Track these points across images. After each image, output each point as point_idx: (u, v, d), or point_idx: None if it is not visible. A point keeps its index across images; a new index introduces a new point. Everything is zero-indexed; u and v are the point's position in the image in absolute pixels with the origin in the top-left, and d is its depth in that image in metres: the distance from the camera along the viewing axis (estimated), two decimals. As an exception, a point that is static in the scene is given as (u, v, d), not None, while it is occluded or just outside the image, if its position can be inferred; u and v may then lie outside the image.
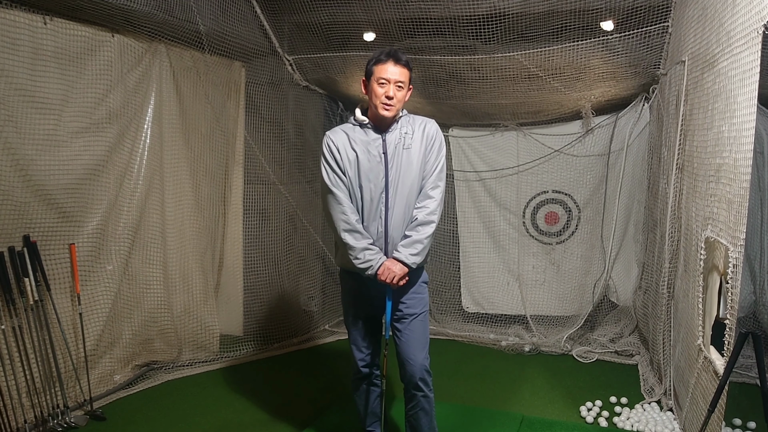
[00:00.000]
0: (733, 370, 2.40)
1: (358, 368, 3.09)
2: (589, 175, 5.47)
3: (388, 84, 2.77)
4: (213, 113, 4.80)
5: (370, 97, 2.84)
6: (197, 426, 3.73)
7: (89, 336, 3.94)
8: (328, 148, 2.84)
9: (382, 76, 2.77)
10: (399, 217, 2.86)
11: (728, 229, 2.57)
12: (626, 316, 5.32)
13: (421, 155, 2.88)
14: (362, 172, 2.82)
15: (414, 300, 2.98)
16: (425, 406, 3.02)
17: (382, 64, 2.78)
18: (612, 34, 4.20)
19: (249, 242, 5.24)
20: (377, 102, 2.79)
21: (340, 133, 2.88)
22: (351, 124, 2.92)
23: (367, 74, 2.85)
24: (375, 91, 2.79)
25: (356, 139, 2.85)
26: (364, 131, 2.87)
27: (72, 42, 3.68)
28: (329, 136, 2.87)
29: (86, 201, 3.90)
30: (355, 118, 2.90)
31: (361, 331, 3.06)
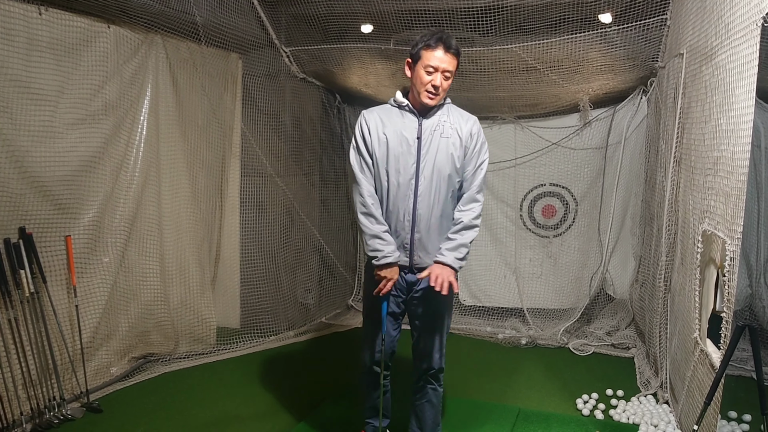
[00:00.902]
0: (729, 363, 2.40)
1: (365, 363, 3.03)
2: (586, 168, 5.47)
3: (435, 72, 2.65)
4: (210, 105, 4.78)
5: (413, 81, 2.72)
6: (194, 418, 3.73)
7: (85, 328, 3.94)
8: (360, 128, 2.77)
9: (431, 63, 2.63)
10: (426, 207, 2.76)
11: (725, 222, 2.57)
12: (623, 309, 5.33)
13: (461, 150, 2.78)
14: (391, 156, 2.72)
15: (447, 297, 2.88)
16: (433, 399, 3.02)
17: (431, 50, 2.63)
18: (610, 26, 4.19)
19: (246, 235, 5.23)
20: (421, 89, 2.68)
21: (374, 114, 2.79)
22: (390, 105, 2.83)
23: (413, 57, 2.70)
24: (421, 77, 2.66)
25: (390, 121, 2.75)
26: (401, 113, 2.78)
27: (67, 33, 3.66)
28: (364, 115, 2.79)
29: (82, 193, 3.88)
30: (394, 99, 2.80)
31: (378, 328, 2.91)
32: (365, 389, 3.13)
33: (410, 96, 2.79)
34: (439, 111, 2.80)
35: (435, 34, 2.65)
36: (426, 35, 2.67)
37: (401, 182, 2.74)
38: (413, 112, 2.77)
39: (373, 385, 3.06)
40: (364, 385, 3.12)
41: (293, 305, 5.53)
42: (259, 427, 3.63)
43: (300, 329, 5.44)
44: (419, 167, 2.73)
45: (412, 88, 2.76)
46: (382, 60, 4.93)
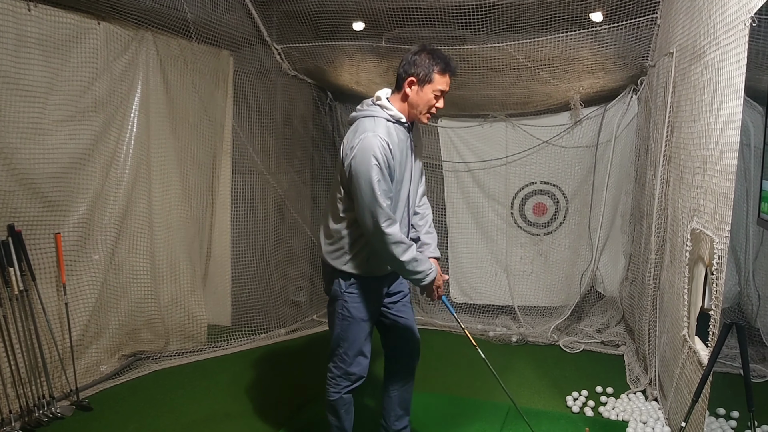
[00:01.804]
0: (717, 360, 2.42)
1: (361, 376, 2.93)
2: (577, 166, 5.48)
3: (441, 97, 2.72)
4: (200, 102, 4.77)
5: (415, 100, 2.69)
6: (184, 416, 3.72)
7: (75, 326, 3.92)
8: (384, 156, 2.57)
9: (442, 88, 2.69)
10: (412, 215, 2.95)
11: (714, 221, 2.59)
12: (613, 307, 5.35)
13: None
14: (400, 174, 2.73)
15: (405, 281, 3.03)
16: (412, 380, 3.17)
17: (443, 76, 2.68)
18: (601, 25, 4.20)
19: (237, 232, 5.22)
20: (424, 110, 2.71)
21: (391, 133, 2.67)
22: (386, 120, 2.69)
23: (422, 78, 2.65)
24: (428, 100, 2.68)
25: (398, 140, 2.69)
26: (399, 129, 2.72)
27: (57, 29, 3.63)
28: (383, 138, 2.59)
29: (72, 190, 3.86)
30: (390, 113, 2.70)
31: (369, 338, 2.94)
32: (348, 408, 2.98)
33: (399, 108, 2.73)
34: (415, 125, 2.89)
35: (443, 58, 2.68)
36: (434, 58, 2.66)
37: (402, 197, 2.79)
38: (408, 127, 2.78)
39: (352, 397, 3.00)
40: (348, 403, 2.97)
41: (284, 303, 5.53)
42: (250, 424, 3.63)
43: (291, 327, 5.44)
44: (411, 185, 2.85)
45: (406, 104, 2.72)
46: (373, 58, 4.93)
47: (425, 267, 2.76)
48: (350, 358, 2.88)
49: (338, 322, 2.88)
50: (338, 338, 2.89)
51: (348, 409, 2.98)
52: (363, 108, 2.76)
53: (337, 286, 2.85)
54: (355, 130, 2.68)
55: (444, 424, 3.62)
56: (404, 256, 2.66)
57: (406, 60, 2.70)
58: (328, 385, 2.94)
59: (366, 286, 2.85)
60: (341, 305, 2.85)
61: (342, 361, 2.89)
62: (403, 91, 2.70)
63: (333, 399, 2.93)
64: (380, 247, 2.66)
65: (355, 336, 2.86)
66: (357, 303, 2.84)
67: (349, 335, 2.86)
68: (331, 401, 2.93)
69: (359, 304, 2.84)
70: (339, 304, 2.86)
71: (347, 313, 2.84)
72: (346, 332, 2.87)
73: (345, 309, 2.84)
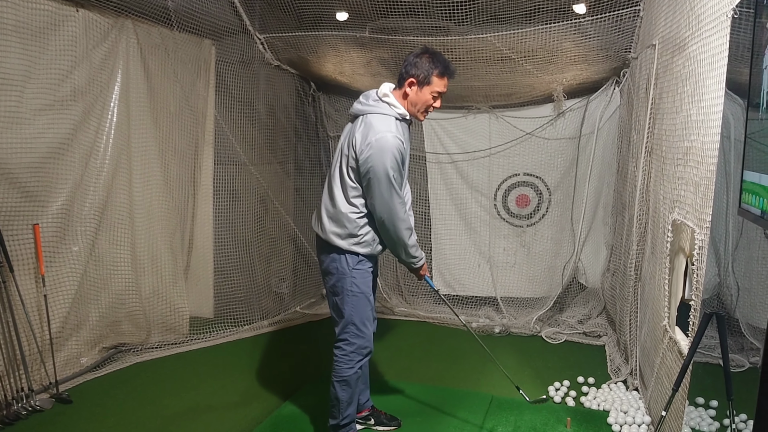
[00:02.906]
0: (697, 350, 2.44)
1: (371, 349, 3.14)
2: (560, 158, 5.50)
3: (439, 98, 2.94)
4: (182, 92, 4.71)
5: (414, 99, 2.91)
6: (166, 408, 3.70)
7: (54, 318, 3.87)
8: (400, 151, 2.82)
9: (440, 90, 2.90)
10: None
11: (695, 212, 2.61)
12: (594, 298, 5.39)
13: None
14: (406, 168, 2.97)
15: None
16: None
17: (442, 79, 2.89)
18: (584, 17, 4.21)
19: (219, 223, 5.18)
20: (422, 109, 2.94)
21: (402, 133, 2.89)
22: (396, 119, 2.90)
23: (421, 79, 2.87)
24: (426, 100, 2.91)
25: (404, 135, 2.92)
26: (404, 126, 2.96)
27: (34, 16, 3.56)
28: (398, 137, 2.81)
29: (50, 180, 3.80)
30: (400, 113, 2.91)
31: (373, 307, 3.15)
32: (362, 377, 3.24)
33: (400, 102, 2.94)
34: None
35: (443, 62, 2.89)
36: (434, 61, 2.87)
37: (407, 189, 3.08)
38: (409, 123, 3.01)
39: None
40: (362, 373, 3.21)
41: (267, 294, 5.51)
42: (233, 416, 3.61)
43: (274, 318, 5.42)
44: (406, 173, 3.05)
45: (407, 102, 2.93)
46: (357, 48, 4.90)
47: (421, 251, 3.11)
48: (362, 332, 3.06)
49: (348, 299, 3.03)
50: (350, 314, 3.04)
51: (359, 381, 3.16)
52: (369, 103, 2.93)
53: (344, 265, 3.01)
54: (369, 126, 2.84)
55: (427, 415, 3.63)
56: (411, 240, 3.00)
57: (408, 61, 2.91)
58: (340, 362, 3.08)
59: (368, 264, 3.06)
60: (350, 282, 3.01)
61: (355, 336, 3.05)
62: (404, 90, 2.92)
63: (347, 375, 3.07)
64: (393, 232, 2.92)
65: (364, 309, 3.06)
66: (364, 279, 3.04)
67: (360, 310, 3.05)
68: (346, 377, 3.07)
69: (365, 279, 3.05)
70: (347, 282, 3.01)
71: (357, 289, 3.02)
72: (357, 307, 3.04)
73: (355, 285, 3.02)
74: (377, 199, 2.82)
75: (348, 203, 2.93)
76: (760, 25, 2.03)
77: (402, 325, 5.44)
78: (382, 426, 3.47)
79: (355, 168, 2.85)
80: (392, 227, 2.89)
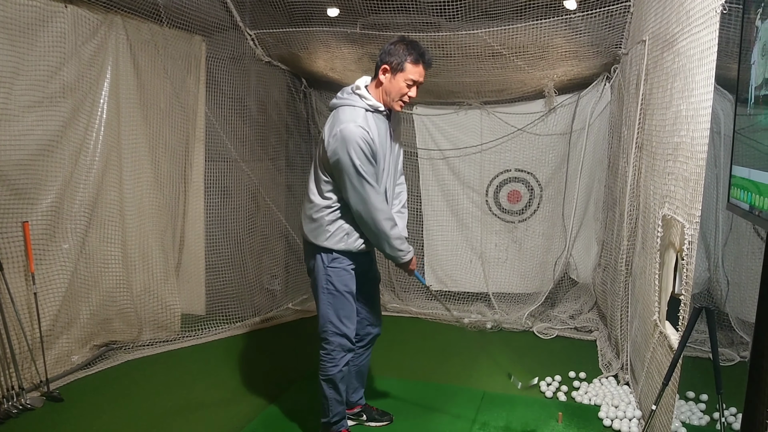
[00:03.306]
0: (687, 344, 2.46)
1: (353, 343, 3.09)
2: (551, 153, 5.51)
3: (414, 86, 2.85)
4: (172, 88, 4.69)
5: (388, 88, 2.85)
6: (158, 406, 3.69)
7: (45, 316, 3.85)
8: (365, 140, 2.74)
9: (414, 78, 2.82)
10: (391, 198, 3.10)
11: (684, 207, 2.62)
12: (586, 293, 5.41)
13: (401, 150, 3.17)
14: (383, 161, 2.89)
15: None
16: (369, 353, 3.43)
17: (416, 66, 2.81)
18: (575, 12, 4.21)
19: (210, 220, 5.16)
20: (397, 98, 2.85)
21: (369, 122, 2.82)
22: (364, 109, 2.84)
23: (394, 66, 2.81)
24: (400, 88, 2.83)
25: (377, 127, 2.85)
26: (378, 117, 2.88)
27: (22, 12, 3.53)
28: (362, 126, 2.75)
29: (40, 177, 3.78)
30: (369, 103, 2.85)
31: (354, 311, 3.08)
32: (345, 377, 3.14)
33: (376, 96, 2.89)
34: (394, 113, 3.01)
35: (418, 50, 2.82)
36: (409, 48, 2.81)
37: (389, 184, 2.99)
38: (386, 115, 2.93)
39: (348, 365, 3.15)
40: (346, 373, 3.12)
41: (259, 291, 5.50)
42: (225, 413, 3.61)
43: (266, 315, 5.41)
44: (390, 166, 2.97)
45: (380, 91, 2.88)
46: (348, 44, 4.89)
47: (407, 245, 3.02)
48: (340, 330, 3.02)
49: (323, 297, 3.01)
50: (325, 312, 3.03)
51: (344, 380, 3.12)
52: (343, 96, 2.91)
53: (320, 262, 2.99)
54: (335, 118, 2.84)
55: (419, 410, 3.64)
56: (393, 231, 2.90)
57: (383, 49, 2.86)
58: (324, 361, 3.06)
59: (346, 261, 3.00)
60: (325, 279, 2.99)
61: (333, 334, 3.02)
62: (378, 78, 2.87)
63: (332, 373, 3.05)
64: (371, 225, 2.86)
65: (342, 307, 3.01)
66: (339, 276, 2.98)
67: (337, 307, 3.01)
68: (330, 376, 3.05)
69: (341, 277, 2.99)
70: (323, 279, 2.99)
71: (331, 287, 2.99)
72: (333, 305, 3.01)
73: (329, 283, 2.98)
74: (350, 191, 2.80)
75: (321, 197, 2.93)
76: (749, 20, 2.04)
77: (394, 321, 5.44)
78: (374, 422, 3.47)
79: (325, 161, 2.83)
80: (370, 219, 2.84)
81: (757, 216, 1.95)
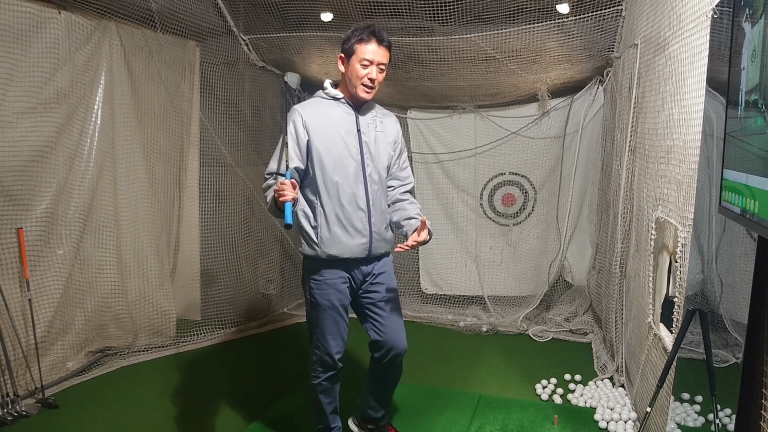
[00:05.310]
0: (681, 346, 2.47)
1: (334, 362, 2.87)
2: (545, 157, 5.54)
3: (371, 65, 2.67)
4: (166, 94, 4.69)
5: (348, 75, 2.72)
6: (154, 411, 3.68)
7: (39, 322, 3.84)
8: (292, 120, 2.71)
9: (366, 57, 2.65)
10: (376, 197, 2.82)
11: (677, 210, 2.63)
12: (580, 296, 5.43)
13: (393, 144, 2.90)
14: (333, 149, 2.71)
15: (392, 279, 2.99)
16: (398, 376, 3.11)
17: (365, 44, 2.65)
18: (567, 17, 4.23)
19: (205, 225, 5.16)
20: (357, 83, 2.69)
21: (309, 108, 2.76)
22: (321, 98, 2.80)
23: (346, 52, 2.70)
24: (356, 71, 2.67)
25: (327, 114, 2.74)
26: (336, 105, 2.78)
27: (16, 18, 3.54)
28: (297, 109, 2.73)
29: (34, 184, 3.78)
30: (326, 92, 2.79)
31: (339, 321, 2.86)
32: (327, 392, 2.96)
33: (343, 90, 2.80)
34: (370, 107, 2.87)
35: (367, 28, 2.68)
36: (358, 30, 2.68)
37: (349, 174, 2.74)
38: (349, 104, 2.79)
39: (333, 382, 2.95)
40: (327, 388, 2.94)
41: (255, 296, 5.49)
42: (221, 419, 3.60)
43: (262, 320, 5.41)
44: (364, 159, 2.77)
45: (345, 83, 2.77)
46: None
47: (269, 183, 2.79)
48: (320, 345, 2.86)
49: (307, 308, 2.91)
50: (309, 324, 2.91)
51: (328, 394, 2.96)
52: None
53: (303, 270, 2.89)
54: None
55: (416, 414, 3.64)
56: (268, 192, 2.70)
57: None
58: (311, 369, 2.94)
59: (328, 270, 2.80)
60: (308, 290, 2.86)
61: (315, 346, 2.88)
62: (341, 72, 2.77)
63: (313, 383, 2.93)
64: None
65: (321, 322, 2.83)
66: (320, 289, 2.81)
67: (318, 321, 2.84)
68: (312, 384, 2.94)
69: (323, 291, 2.81)
70: (306, 289, 2.88)
71: (312, 299, 2.84)
72: (314, 318, 2.86)
73: (311, 295, 2.84)
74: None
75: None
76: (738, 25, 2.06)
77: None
78: None
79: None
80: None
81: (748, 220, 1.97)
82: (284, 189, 2.44)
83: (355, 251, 2.79)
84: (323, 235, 2.75)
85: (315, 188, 2.76)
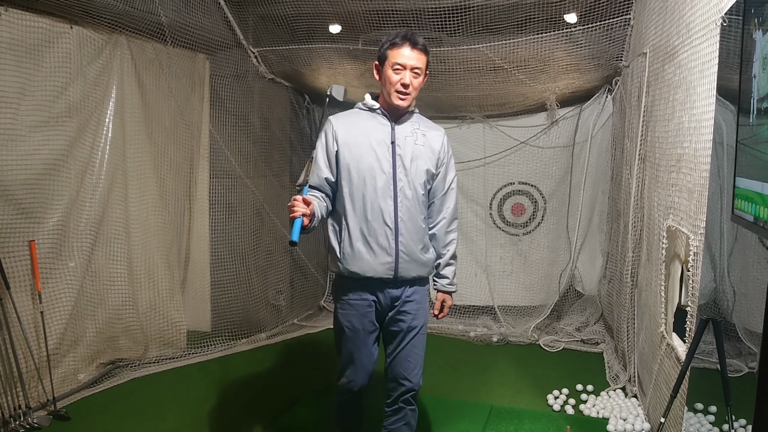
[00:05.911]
0: (695, 356, 2.45)
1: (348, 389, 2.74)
2: (554, 166, 5.53)
3: (403, 70, 2.54)
4: (177, 106, 4.72)
5: (383, 83, 2.61)
6: (165, 423, 3.68)
7: (51, 334, 3.86)
8: (324, 129, 2.65)
9: (398, 61, 2.53)
10: (408, 214, 2.63)
11: (689, 218, 2.62)
12: (591, 305, 5.40)
13: (434, 160, 2.70)
14: (365, 160, 2.58)
15: (421, 311, 2.80)
16: (411, 420, 2.84)
17: (397, 48, 2.54)
18: (575, 26, 4.24)
19: (215, 237, 5.18)
20: (391, 90, 2.57)
21: (342, 119, 2.66)
22: (359, 109, 2.70)
23: (380, 59, 2.61)
24: (389, 77, 2.56)
25: (361, 125, 2.63)
26: (372, 116, 2.66)
27: (28, 34, 3.57)
28: (331, 120, 2.65)
29: (46, 197, 3.80)
30: (363, 103, 2.69)
31: (361, 348, 2.70)
32: (347, 414, 2.85)
33: (381, 100, 2.67)
34: (411, 119, 2.70)
35: (400, 33, 2.58)
36: (391, 35, 2.59)
37: (378, 187, 2.57)
38: (385, 115, 2.65)
39: (356, 406, 2.85)
40: (346, 410, 2.84)
41: (264, 307, 5.50)
42: (232, 430, 3.60)
43: (272, 331, 5.41)
44: (396, 172, 2.60)
45: (382, 92, 2.65)
46: (350, 60, 4.93)
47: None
48: (343, 367, 2.74)
49: (334, 327, 2.78)
50: (336, 342, 2.78)
51: (349, 413, 2.85)
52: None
53: (333, 289, 2.79)
54: None
55: (427, 425, 3.62)
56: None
57: None
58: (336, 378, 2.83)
59: (353, 291, 2.67)
60: (335, 310, 2.75)
61: (340, 366, 2.76)
62: (378, 80, 2.68)
63: (335, 399, 2.85)
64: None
65: (342, 345, 2.72)
66: (343, 310, 2.69)
67: (339, 343, 2.74)
68: (335, 398, 2.85)
69: (344, 311, 2.69)
70: (334, 309, 2.76)
71: (335, 319, 2.74)
72: (337, 339, 2.76)
73: (335, 315, 2.74)
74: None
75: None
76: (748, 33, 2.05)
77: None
78: None
79: None
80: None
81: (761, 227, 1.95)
82: (296, 205, 2.36)
83: (378, 270, 2.61)
84: (346, 251, 2.61)
85: (342, 202, 2.63)
